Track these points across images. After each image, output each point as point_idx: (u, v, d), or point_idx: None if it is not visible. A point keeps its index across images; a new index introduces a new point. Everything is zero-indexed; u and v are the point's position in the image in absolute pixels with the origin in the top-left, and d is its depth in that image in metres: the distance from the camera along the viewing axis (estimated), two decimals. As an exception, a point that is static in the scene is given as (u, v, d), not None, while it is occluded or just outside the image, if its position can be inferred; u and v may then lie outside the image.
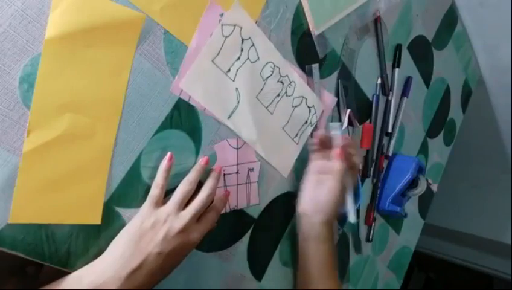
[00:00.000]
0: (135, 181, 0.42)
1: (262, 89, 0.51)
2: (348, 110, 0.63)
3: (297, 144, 0.57)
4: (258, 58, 0.49)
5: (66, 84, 0.36)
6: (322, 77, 0.59)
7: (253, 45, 0.48)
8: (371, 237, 0.76)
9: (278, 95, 0.53)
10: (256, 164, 0.53)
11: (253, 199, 0.53)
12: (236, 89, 0.48)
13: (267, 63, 0.51)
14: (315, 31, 0.56)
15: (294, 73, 0.54)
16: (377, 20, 0.67)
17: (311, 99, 0.57)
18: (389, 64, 0.73)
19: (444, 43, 0.87)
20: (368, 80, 0.69)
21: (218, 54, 0.45)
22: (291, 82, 0.54)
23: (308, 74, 0.56)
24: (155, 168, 0.43)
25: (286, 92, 0.54)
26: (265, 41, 0.50)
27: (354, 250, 0.73)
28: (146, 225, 0.37)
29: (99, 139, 0.39)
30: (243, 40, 0.47)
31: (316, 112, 0.58)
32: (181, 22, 0.43)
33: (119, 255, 0.36)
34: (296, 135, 0.57)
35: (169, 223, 0.38)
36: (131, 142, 0.41)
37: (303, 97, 0.56)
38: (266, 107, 0.52)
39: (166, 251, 0.37)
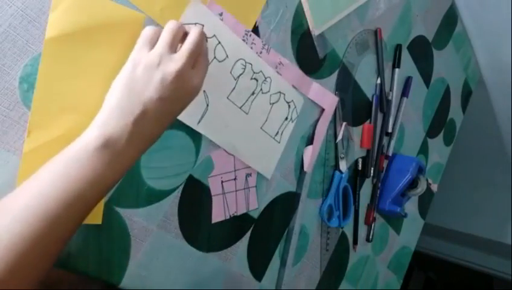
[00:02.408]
0: (135, 181, 0.42)
1: (234, 89, 0.48)
2: (344, 123, 0.63)
3: (278, 142, 0.55)
4: (227, 56, 0.46)
5: (66, 84, 0.36)
6: (322, 77, 0.59)
7: (219, 42, 0.45)
8: (370, 237, 0.76)
9: (253, 93, 0.50)
10: (253, 168, 0.53)
11: (252, 204, 0.53)
12: (204, 91, 0.45)
13: (237, 61, 0.48)
14: (315, 31, 0.56)
15: (269, 68, 0.51)
16: (377, 35, 0.67)
17: (290, 93, 0.54)
18: (389, 64, 0.73)
19: (444, 43, 0.87)
20: (368, 80, 0.69)
21: None
22: (266, 78, 0.51)
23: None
24: (155, 168, 0.43)
25: (261, 89, 0.51)
26: (232, 37, 0.47)
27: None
28: (139, 69, 0.33)
29: (99, 139, 0.38)
30: (206, 38, 0.43)
31: (295, 107, 0.56)
32: (181, 22, 0.42)
33: (115, 104, 0.32)
34: (277, 134, 0.54)
35: (164, 66, 0.34)
36: (131, 142, 0.41)
37: (280, 92, 0.53)
38: (240, 108, 0.49)
39: (167, 95, 0.34)
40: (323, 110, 0.60)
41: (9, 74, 0.33)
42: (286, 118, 0.55)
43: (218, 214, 0.50)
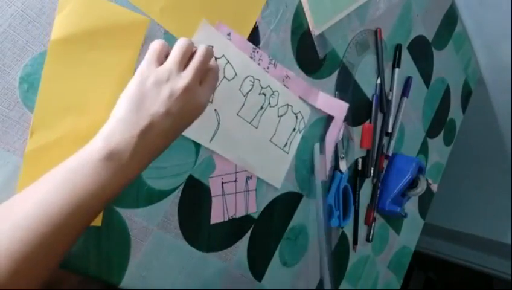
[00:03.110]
0: (135, 181, 0.41)
1: (243, 105, 0.49)
2: (344, 123, 0.63)
3: (287, 153, 0.56)
4: (236, 74, 0.48)
5: (70, 86, 0.36)
6: (322, 77, 0.59)
7: (228, 62, 0.47)
8: (370, 237, 0.76)
9: (261, 108, 0.51)
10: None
11: (251, 207, 0.53)
12: (215, 110, 0.46)
13: (245, 78, 0.49)
14: (315, 31, 0.56)
15: (276, 82, 0.53)
16: (377, 36, 0.67)
17: (297, 105, 0.56)
18: (389, 64, 0.73)
19: (444, 43, 0.87)
20: (368, 80, 0.69)
21: None
22: (273, 92, 0.52)
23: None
24: (155, 168, 0.43)
25: (269, 103, 0.52)
26: (240, 56, 0.48)
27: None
28: (148, 83, 0.34)
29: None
30: (215, 58, 0.45)
31: (303, 118, 0.58)
32: (181, 22, 0.43)
33: (122, 116, 0.33)
34: (286, 144, 0.56)
35: (173, 82, 0.35)
36: (131, 142, 0.41)
37: (288, 105, 0.55)
38: (249, 122, 0.50)
39: (174, 111, 0.34)
40: (332, 117, 0.61)
41: (10, 74, 0.33)
42: (294, 129, 0.57)
43: (217, 216, 0.50)
